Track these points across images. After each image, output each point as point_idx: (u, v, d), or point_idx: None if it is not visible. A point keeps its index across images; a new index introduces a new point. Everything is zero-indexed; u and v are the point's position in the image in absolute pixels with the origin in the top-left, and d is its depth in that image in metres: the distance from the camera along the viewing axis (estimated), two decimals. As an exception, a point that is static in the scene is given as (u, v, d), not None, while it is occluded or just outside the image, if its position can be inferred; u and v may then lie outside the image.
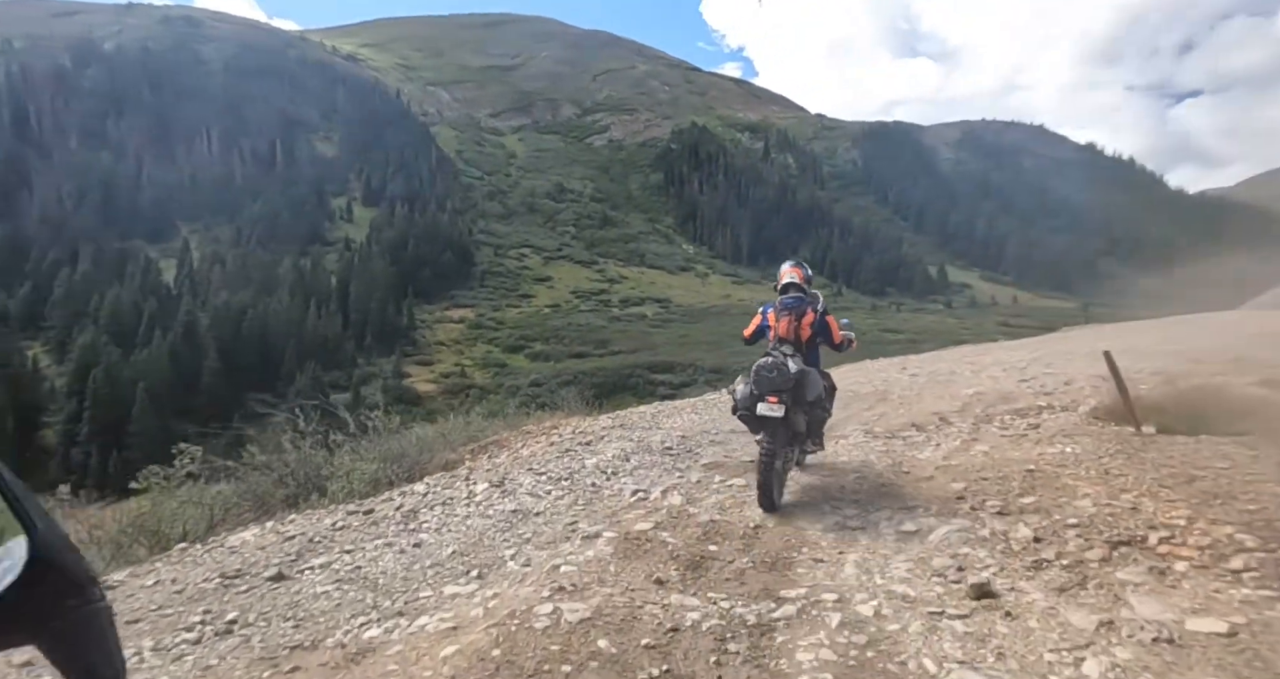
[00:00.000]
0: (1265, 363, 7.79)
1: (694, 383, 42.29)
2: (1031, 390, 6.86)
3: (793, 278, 4.41)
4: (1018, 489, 3.60)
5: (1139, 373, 7.24)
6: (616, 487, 4.52)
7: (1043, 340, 14.93)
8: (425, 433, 7.88)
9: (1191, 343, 10.80)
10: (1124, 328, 17.00)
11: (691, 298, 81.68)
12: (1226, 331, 12.49)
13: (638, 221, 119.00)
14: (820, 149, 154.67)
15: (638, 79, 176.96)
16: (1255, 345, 10.16)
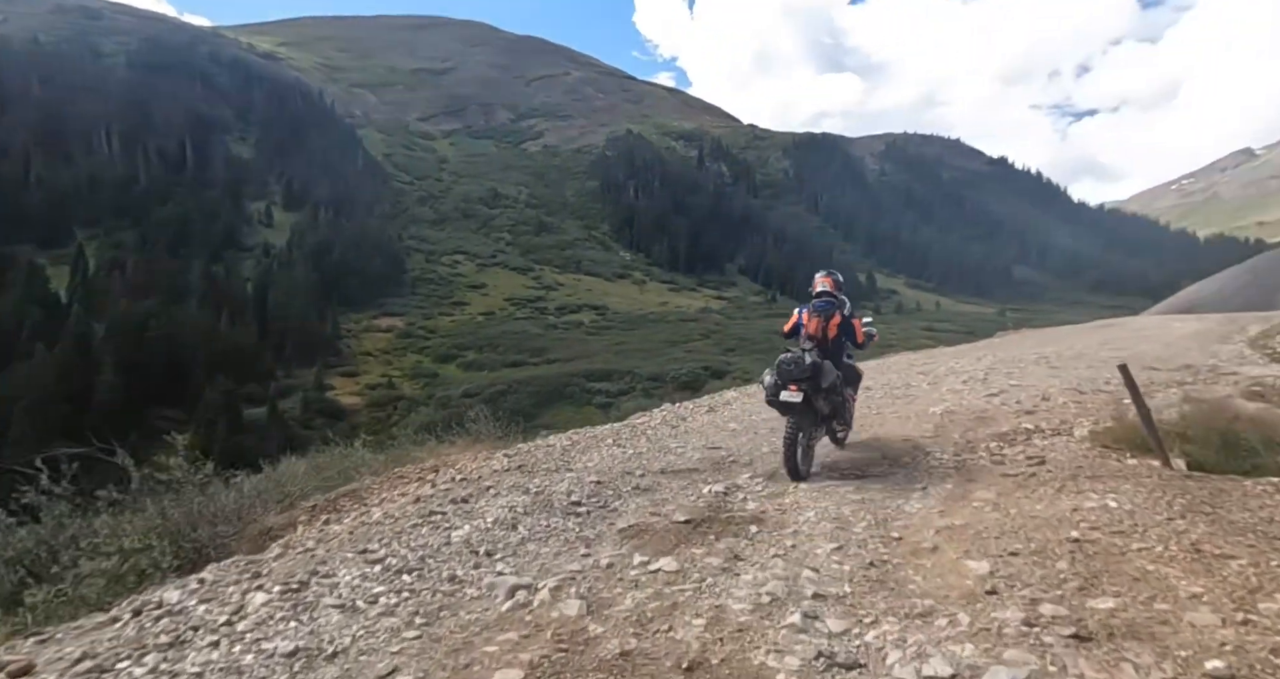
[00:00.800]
0: (1223, 370, 7.79)
1: (631, 391, 41.78)
2: (1008, 408, 6.20)
3: (824, 286, 5.30)
4: (1074, 578, 2.56)
5: (1109, 384, 6.97)
6: (487, 582, 3.09)
7: (984, 347, 14.91)
8: (251, 485, 5.93)
9: (1134, 348, 10.81)
10: (1056, 333, 17.22)
11: (629, 305, 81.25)
12: (1159, 336, 12.75)
13: (574, 228, 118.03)
14: (753, 158, 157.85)
15: (572, 85, 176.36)
16: (1197, 350, 10.35)
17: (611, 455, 5.97)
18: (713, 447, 5.89)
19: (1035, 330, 21.10)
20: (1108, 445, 4.46)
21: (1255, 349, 10.42)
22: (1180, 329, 13.83)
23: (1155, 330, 14.05)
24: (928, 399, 7.33)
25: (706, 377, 42.46)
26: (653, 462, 5.48)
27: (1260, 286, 28.40)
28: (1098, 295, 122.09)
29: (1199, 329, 13.54)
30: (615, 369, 45.52)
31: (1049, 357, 10.33)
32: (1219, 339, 11.81)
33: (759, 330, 66.04)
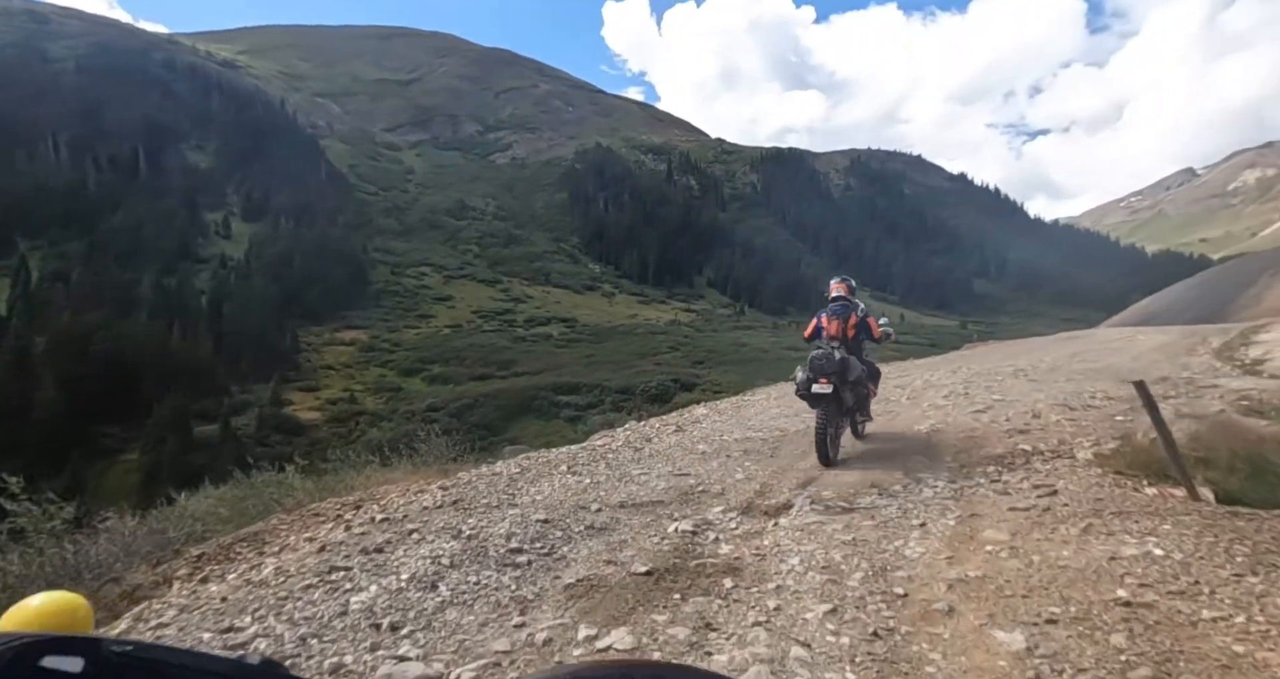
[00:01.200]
0: (1200, 383, 7.63)
1: (600, 404, 41.03)
2: (999, 426, 5.72)
3: (839, 292, 5.89)
4: (1141, 662, 1.99)
5: (1095, 399, 6.75)
6: (381, 674, 2.39)
7: (955, 359, 14.67)
8: (130, 528, 4.84)
9: (1105, 360, 10.66)
10: (1024, 345, 17.11)
11: (598, 317, 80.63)
12: (1127, 349, 12.66)
13: (543, 240, 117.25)
14: (721, 172, 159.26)
15: (541, 98, 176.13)
16: (1167, 363, 10.18)
17: (565, 485, 5.24)
18: (680, 473, 5.31)
19: (1001, 343, 21.10)
20: (1121, 471, 4.02)
21: (1223, 361, 10.33)
22: (1145, 341, 13.79)
23: (1121, 343, 13.99)
24: (910, 416, 6.95)
25: (676, 389, 41.98)
26: (612, 493, 4.85)
27: (1211, 299, 29.15)
28: (1055, 308, 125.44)
29: (1164, 341, 13.50)
30: (584, 382, 44.76)
31: (1025, 369, 10.11)
32: (1185, 351, 11.74)
33: (728, 342, 66.01)
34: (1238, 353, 10.90)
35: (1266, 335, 12.23)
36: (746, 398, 10.15)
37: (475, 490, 5.26)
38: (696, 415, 8.88)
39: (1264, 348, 10.60)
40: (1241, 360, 9.82)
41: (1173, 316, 29.12)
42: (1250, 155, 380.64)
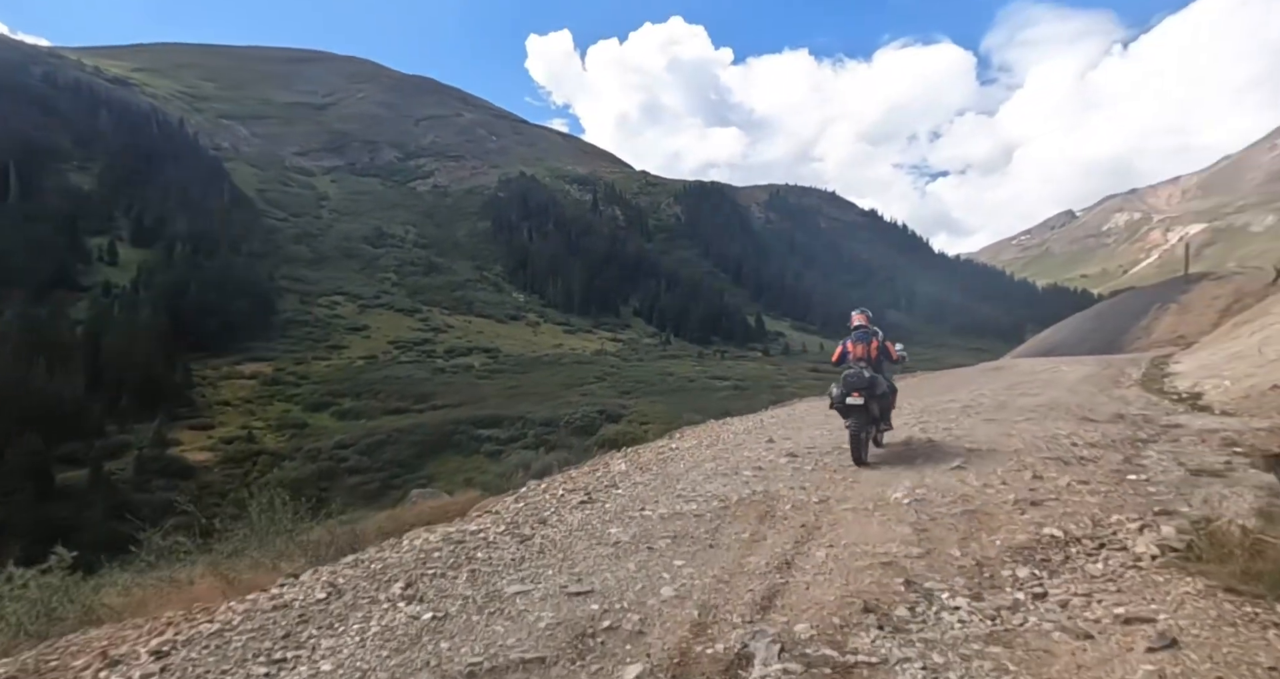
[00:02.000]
0: (1161, 422, 7.33)
1: (524, 437, 39.36)
2: (997, 493, 4.72)
3: (860, 321, 6.85)
4: None
5: (1078, 446, 6.24)
6: None
7: None
8: None
9: (1045, 393, 10.54)
10: (954, 377, 17.07)
11: (522, 347, 78.72)
12: (1057, 380, 12.76)
13: (465, 269, 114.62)
14: (646, 203, 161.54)
15: (464, 127, 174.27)
16: (1106, 396, 10.06)
17: (382, 633, 3.24)
18: (578, 589, 3.55)
19: (930, 374, 21.22)
20: (1234, 589, 2.75)
21: (1156, 393, 10.44)
22: (1070, 373, 14.03)
23: (1047, 374, 14.20)
24: (876, 476, 5.77)
25: (602, 421, 40.89)
26: (461, 644, 3.01)
27: (1106, 330, 31.12)
28: (958, 338, 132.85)
29: (1087, 373, 13.77)
30: (506, 415, 42.90)
31: (971, 405, 9.79)
32: (1111, 382, 11.91)
33: (655, 372, 65.61)
34: (1165, 385, 11.08)
35: (1178, 366, 12.69)
36: (674, 445, 8.90)
37: (227, 647, 3.24)
38: (612, 474, 7.05)
39: (1188, 379, 10.82)
40: (1176, 393, 9.97)
41: (1073, 347, 30.85)
42: (1119, 200, 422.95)
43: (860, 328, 6.80)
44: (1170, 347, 23.24)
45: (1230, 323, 15.88)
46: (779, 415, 11.61)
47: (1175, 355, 15.31)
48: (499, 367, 66.44)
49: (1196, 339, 24.21)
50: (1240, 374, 9.79)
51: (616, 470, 7.29)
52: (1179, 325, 25.18)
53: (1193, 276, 32.48)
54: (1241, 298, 24.43)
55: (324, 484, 35.88)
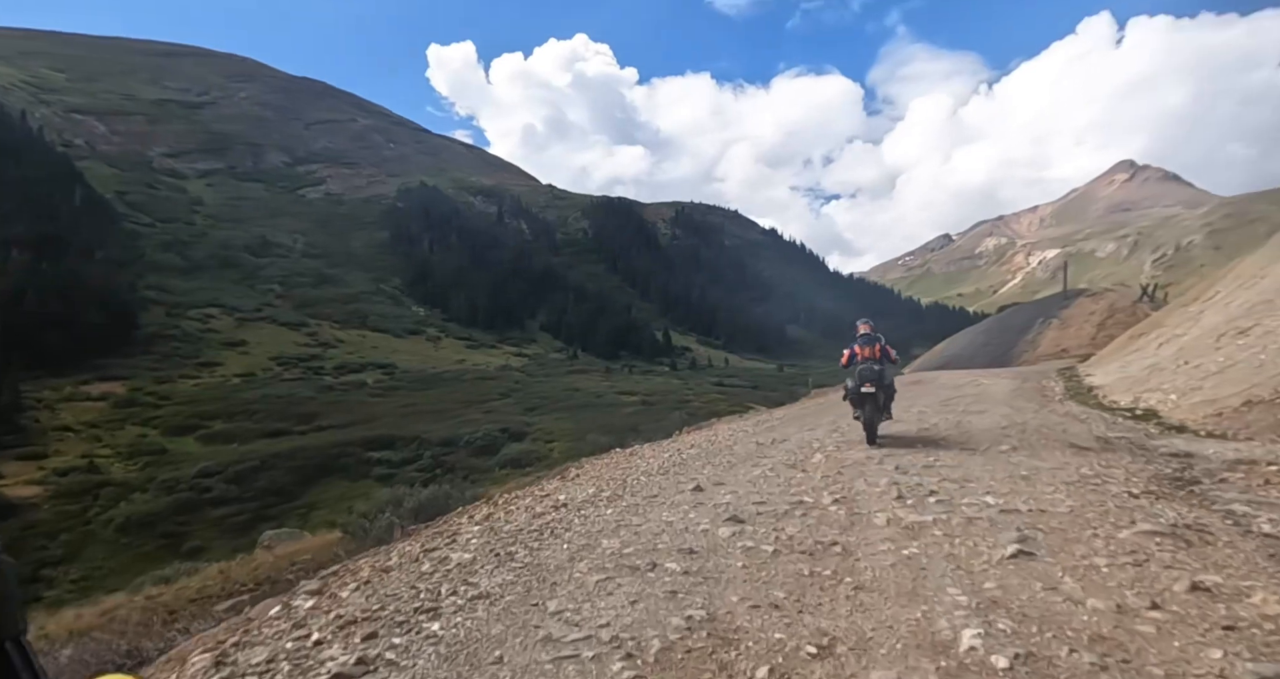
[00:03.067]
0: (1147, 445, 6.77)
1: (419, 458, 36.51)
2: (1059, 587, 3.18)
3: (865, 330, 8.56)
4: None
5: (1090, 480, 5.35)
6: None
7: (818, 410, 13.44)
8: None
9: (992, 412, 10.07)
10: None
11: (421, 363, 74.61)
12: (988, 395, 12.49)
13: (361, 281, 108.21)
14: (553, 217, 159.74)
15: (360, 133, 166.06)
16: (1051, 413, 9.63)
17: None
18: None
19: (836, 390, 20.96)
20: None
21: (1102, 409, 10.12)
22: (994, 387, 13.90)
23: (972, 388, 14.02)
24: (898, 579, 3.49)
25: (505, 439, 38.67)
26: None
27: (996, 344, 32.77)
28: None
29: (1010, 386, 13.69)
30: (401, 435, 39.69)
31: (926, 432, 9.06)
32: (1041, 396, 11.75)
33: (561, 387, 63.73)
34: (1101, 399, 10.94)
35: (1093, 379, 12.81)
36: (562, 495, 6.70)
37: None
38: (449, 567, 4.44)
39: (1123, 394, 10.72)
40: (1126, 410, 9.78)
41: (967, 360, 32.20)
42: (988, 226, 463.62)
43: (865, 334, 8.41)
44: (1056, 359, 24.46)
45: (1125, 335, 16.66)
46: (698, 444, 9.90)
47: (1076, 368, 15.71)
48: (395, 383, 62.34)
49: (1078, 351, 25.86)
50: (1183, 387, 9.74)
51: (461, 554, 4.73)
52: (1061, 339, 26.71)
53: (1070, 293, 34.86)
54: (1114, 313, 26.27)
55: (182, 518, 31.58)
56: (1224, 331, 10.65)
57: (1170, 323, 13.97)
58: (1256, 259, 13.17)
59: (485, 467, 34.70)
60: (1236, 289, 12.18)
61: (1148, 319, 15.30)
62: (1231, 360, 9.49)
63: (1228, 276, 14.02)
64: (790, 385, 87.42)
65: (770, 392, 75.90)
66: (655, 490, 6.40)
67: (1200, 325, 11.89)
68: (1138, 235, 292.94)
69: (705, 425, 13.69)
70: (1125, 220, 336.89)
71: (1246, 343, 9.75)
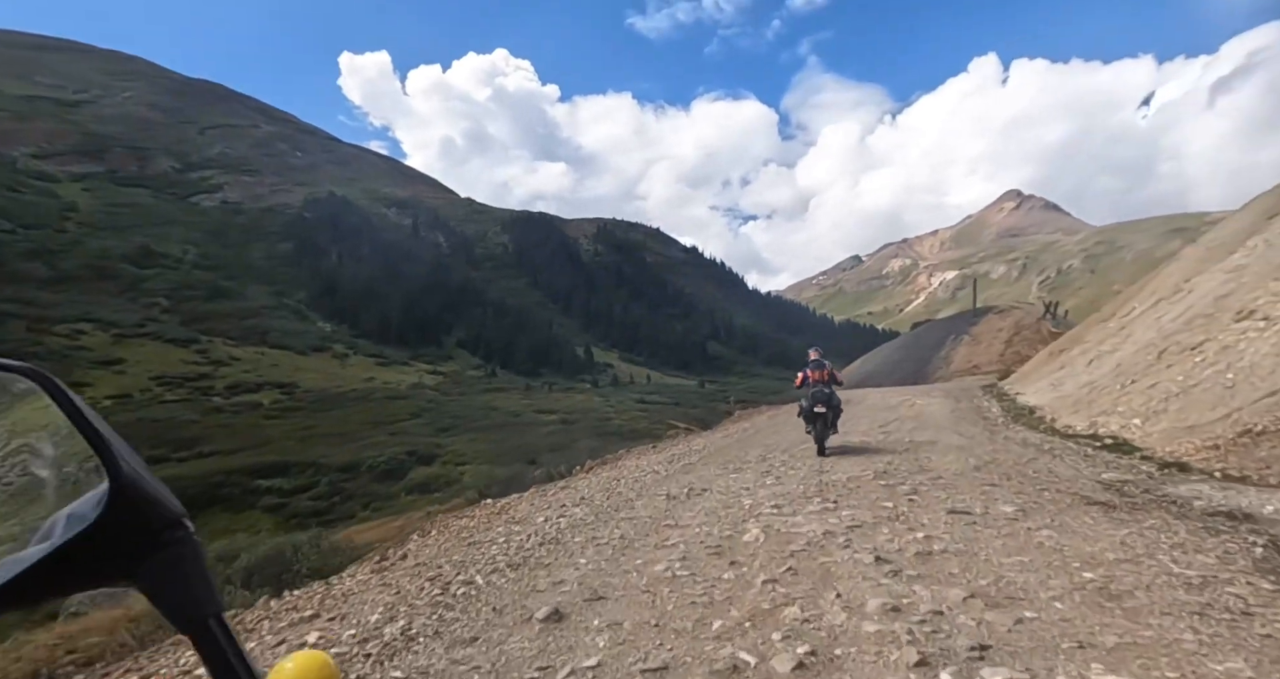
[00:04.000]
0: (1161, 491, 5.74)
1: (315, 485, 33.52)
2: None
3: (815, 356, 9.97)
4: None
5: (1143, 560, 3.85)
6: None
7: (742, 439, 12.45)
8: None
9: (942, 442, 9.36)
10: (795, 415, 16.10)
11: (325, 382, 69.95)
12: (925, 418, 11.91)
13: (260, 294, 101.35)
14: (472, 231, 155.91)
15: (263, 140, 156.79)
16: (1023, 444, 9.00)
17: None
18: None
19: (773, 408, 20.17)
20: None
21: (1062, 437, 9.49)
22: (928, 407, 13.51)
23: (906, 409, 13.57)
24: None
25: (412, 463, 36.17)
26: None
27: (911, 361, 33.61)
28: (770, 368, 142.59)
29: (945, 407, 13.31)
30: (295, 460, 36.36)
31: (881, 472, 7.44)
32: (981, 417, 11.21)
33: (478, 406, 61.17)
34: (1052, 423, 10.32)
35: (1027, 399, 12.62)
36: (454, 559, 5.42)
37: None
38: None
39: (1074, 417, 10.22)
40: (1086, 436, 9.01)
41: (885, 376, 32.84)
42: (894, 248, 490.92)
43: (815, 360, 9.72)
44: (969, 375, 25.07)
45: (1045, 352, 16.76)
46: (592, 495, 7.86)
47: (999, 385, 15.67)
48: (295, 404, 57.93)
49: (989, 368, 26.68)
50: (1143, 410, 9.03)
51: None
52: (972, 355, 27.53)
53: (979, 310, 36.28)
54: (1020, 330, 27.36)
55: None
56: (1164, 348, 10.25)
57: (1092, 339, 14.04)
58: (1171, 274, 13.36)
59: (389, 493, 32.26)
60: (1159, 303, 12.19)
61: (1066, 335, 15.46)
62: (1193, 380, 8.80)
63: (1142, 292, 14.23)
64: (711, 401, 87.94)
65: (691, 408, 75.91)
66: (477, 625, 3.88)
67: (1133, 341, 11.61)
68: (1025, 259, 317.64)
69: (612, 460, 12.35)
70: (1014, 245, 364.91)
71: (1204, 360, 9.04)
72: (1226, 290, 10.16)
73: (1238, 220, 13.11)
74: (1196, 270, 12.05)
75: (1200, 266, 12.07)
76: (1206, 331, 9.63)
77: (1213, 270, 11.11)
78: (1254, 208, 13.18)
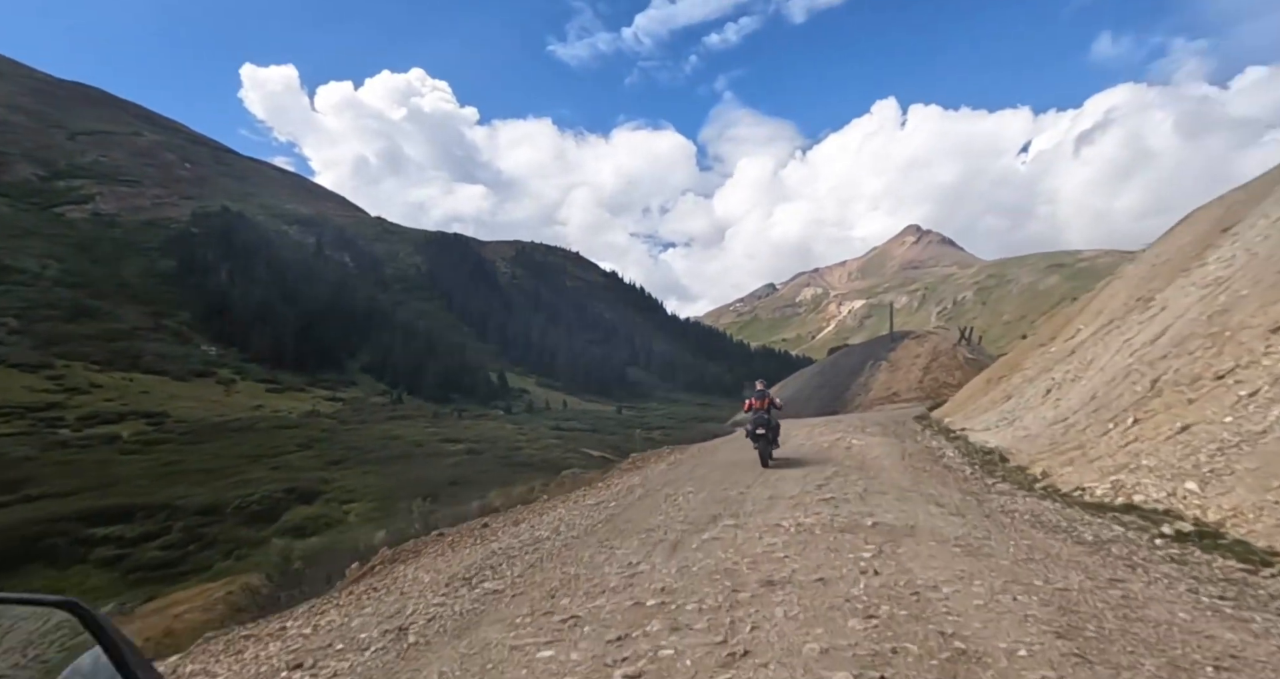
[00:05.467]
0: None
1: (166, 533, 28.72)
2: None
3: (759, 386, 12.14)
4: None
5: None
6: None
7: (661, 482, 10.26)
8: None
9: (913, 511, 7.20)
10: (706, 462, 13.46)
11: (203, 410, 63.08)
12: (874, 467, 10.09)
13: (135, 315, 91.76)
14: (382, 251, 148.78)
15: (146, 148, 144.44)
16: (963, 494, 7.25)
17: None
18: None
19: (704, 448, 17.06)
20: None
21: (1085, 509, 6.85)
22: (869, 451, 11.74)
23: (842, 453, 11.81)
24: None
25: (291, 501, 31.92)
26: None
27: (830, 387, 32.83)
28: (689, 394, 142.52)
29: (892, 450, 11.61)
30: (145, 502, 31.13)
31: (822, 522, 5.64)
32: (944, 468, 9.27)
33: (376, 436, 56.47)
34: (1053, 479, 8.00)
35: (985, 438, 11.08)
36: None
37: None
38: None
39: (1085, 474, 7.39)
40: (1151, 514, 6.15)
41: (802, 405, 31.77)
42: (806, 277, 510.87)
43: (759, 390, 11.85)
44: (889, 402, 24.22)
45: (981, 380, 14.95)
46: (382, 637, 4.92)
47: (934, 418, 14.18)
48: (161, 436, 51.40)
49: (909, 395, 25.91)
50: (1187, 467, 6.33)
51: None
52: (891, 382, 26.85)
53: (896, 335, 36.07)
54: (938, 356, 26.97)
55: None
56: (1157, 376, 8.11)
57: (1033, 365, 12.58)
58: (1115, 293, 12.12)
59: (258, 537, 28.04)
60: (1113, 324, 10.88)
61: (1001, 361, 13.92)
62: (1254, 423, 6.20)
63: (1083, 313, 13.07)
64: (628, 427, 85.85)
65: (608, 434, 73.49)
66: None
67: (1100, 368, 9.93)
68: (925, 290, 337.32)
69: (515, 512, 9.74)
70: (915, 276, 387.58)
71: (1253, 395, 6.47)
72: (1220, 306, 8.41)
73: (1179, 236, 12.26)
74: (1152, 289, 10.98)
75: (1153, 284, 11.00)
76: (1231, 356, 7.45)
77: (1181, 285, 9.88)
78: (1197, 222, 12.41)
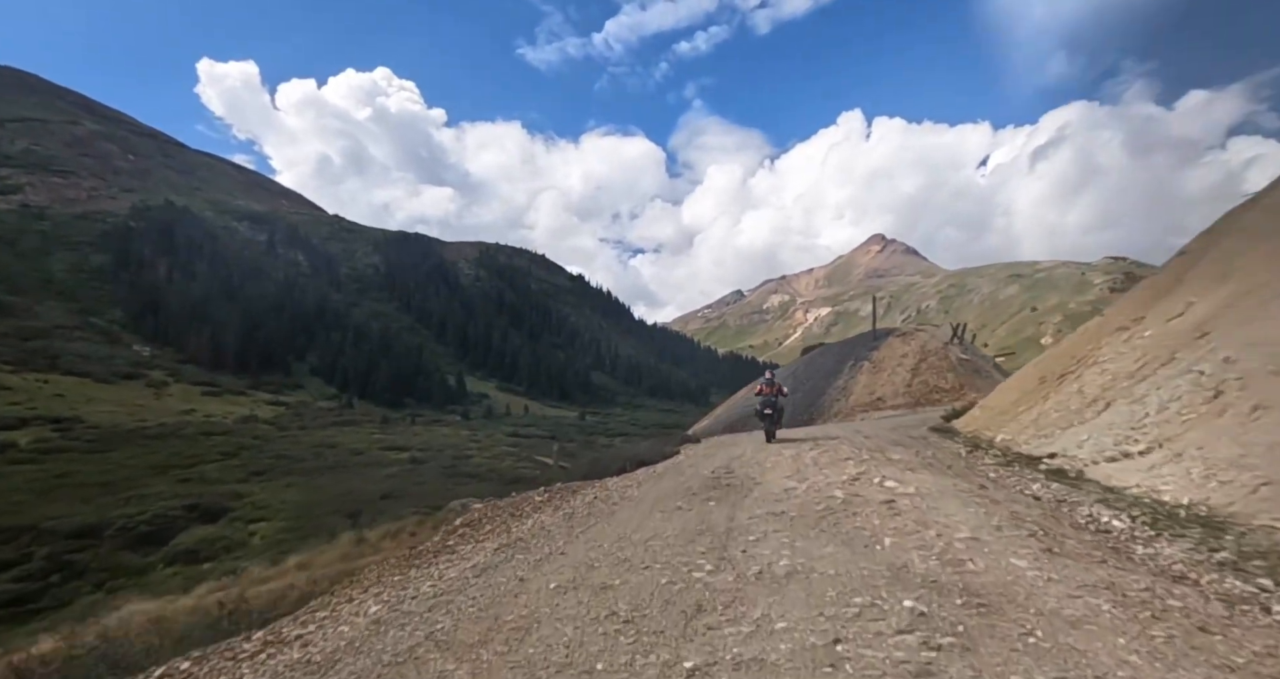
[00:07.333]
0: None
1: (25, 561, 24.40)
2: None
3: (768, 376, 14.37)
4: None
5: None
6: None
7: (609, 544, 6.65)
8: None
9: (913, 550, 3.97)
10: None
11: (123, 415, 57.83)
12: (958, 498, 6.75)
13: (57, 312, 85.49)
14: (338, 250, 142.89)
15: (82, 138, 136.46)
16: None
17: None
18: None
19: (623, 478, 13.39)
20: None
21: None
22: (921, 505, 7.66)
23: (894, 530, 7.67)
24: None
25: (189, 520, 27.87)
26: None
27: (805, 392, 29.96)
28: (654, 399, 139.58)
29: (984, 509, 7.36)
30: (8, 524, 26.81)
31: None
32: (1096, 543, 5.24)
33: (312, 443, 52.16)
34: None
35: (1106, 473, 7.60)
36: None
37: None
38: None
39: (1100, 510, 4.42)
40: None
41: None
42: (773, 284, 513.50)
43: (768, 379, 14.03)
44: (873, 409, 21.52)
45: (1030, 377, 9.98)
46: None
47: (964, 430, 10.35)
48: (64, 444, 46.34)
49: (894, 400, 22.90)
50: None
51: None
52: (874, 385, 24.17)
53: (880, 332, 33.43)
54: (926, 356, 24.39)
55: None
56: None
57: (1122, 355, 7.96)
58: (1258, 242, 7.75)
59: (141, 564, 24.05)
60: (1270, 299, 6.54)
61: (1053, 353, 9.89)
62: None
63: (1185, 282, 8.65)
64: (589, 434, 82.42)
65: (568, 442, 70.04)
66: None
67: None
68: (890, 298, 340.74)
69: None
70: (880, 284, 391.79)
71: None
72: None
73: None
74: None
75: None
76: None
77: None
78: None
